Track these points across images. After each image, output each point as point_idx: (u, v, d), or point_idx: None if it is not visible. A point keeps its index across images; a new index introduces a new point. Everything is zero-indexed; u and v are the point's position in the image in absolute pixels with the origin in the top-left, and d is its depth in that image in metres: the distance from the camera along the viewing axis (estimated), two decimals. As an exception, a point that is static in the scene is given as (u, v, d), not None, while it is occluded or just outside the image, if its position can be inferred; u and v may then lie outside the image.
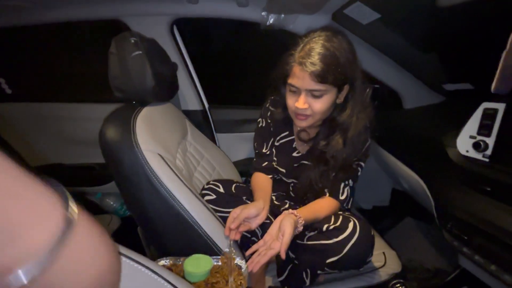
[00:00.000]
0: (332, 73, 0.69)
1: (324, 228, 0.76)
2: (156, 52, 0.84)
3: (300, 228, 0.72)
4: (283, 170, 0.95)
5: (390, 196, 1.50)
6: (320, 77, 0.68)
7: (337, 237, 0.73)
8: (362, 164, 0.85)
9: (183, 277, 0.57)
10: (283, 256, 0.64)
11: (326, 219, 0.78)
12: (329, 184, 0.84)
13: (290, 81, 0.74)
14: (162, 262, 0.63)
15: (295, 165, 0.92)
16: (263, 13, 1.04)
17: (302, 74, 0.70)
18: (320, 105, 0.73)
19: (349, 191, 0.84)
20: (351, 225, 0.73)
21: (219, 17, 1.12)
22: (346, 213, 0.83)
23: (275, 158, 0.96)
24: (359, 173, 0.85)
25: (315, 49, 0.69)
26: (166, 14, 1.10)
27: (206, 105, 1.33)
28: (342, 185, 0.83)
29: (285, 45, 0.80)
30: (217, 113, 1.34)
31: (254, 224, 0.74)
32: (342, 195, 0.83)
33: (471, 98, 0.74)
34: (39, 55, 1.41)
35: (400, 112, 1.30)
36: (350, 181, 0.84)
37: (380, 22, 0.98)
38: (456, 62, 1.08)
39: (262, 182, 0.92)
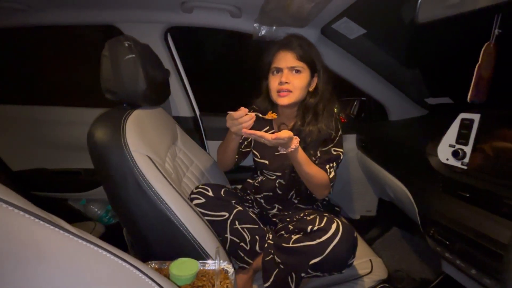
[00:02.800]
0: (308, 55, 0.90)
1: (309, 229, 0.78)
2: (149, 57, 0.85)
3: (292, 147, 0.78)
4: (266, 162, 1.00)
5: (377, 206, 1.53)
6: (299, 56, 0.88)
7: (320, 237, 0.74)
8: (341, 150, 0.95)
9: (168, 281, 0.56)
10: (268, 137, 0.73)
11: (311, 221, 0.79)
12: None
13: (274, 65, 0.91)
14: (148, 266, 0.61)
15: (276, 153, 0.98)
16: (255, 25, 1.08)
17: (284, 55, 0.89)
18: (299, 81, 0.89)
19: (334, 172, 0.92)
20: (334, 226, 0.75)
21: (212, 27, 1.15)
22: (331, 215, 0.84)
23: (257, 153, 1.04)
24: (341, 158, 0.94)
25: (294, 39, 0.91)
26: (160, 22, 1.13)
27: (197, 112, 1.33)
28: (328, 166, 0.91)
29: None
30: (208, 120, 1.35)
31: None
32: (330, 174, 0.90)
33: (451, 111, 0.79)
34: (24, 57, 1.40)
35: (386, 124, 1.36)
36: (334, 163, 0.93)
37: (366, 37, 1.03)
38: (437, 78, 1.14)
39: None
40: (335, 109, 0.99)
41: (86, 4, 1.06)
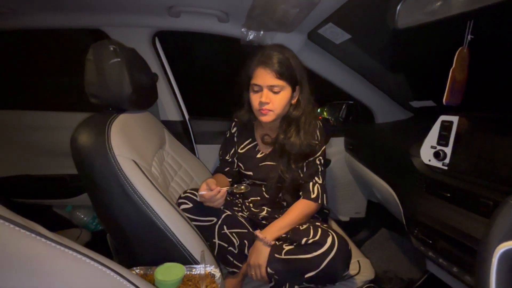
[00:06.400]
0: (287, 71, 0.86)
1: (303, 241, 0.78)
2: (135, 61, 0.85)
3: (272, 243, 0.84)
4: (251, 173, 1.02)
5: (366, 208, 1.55)
6: (279, 74, 0.85)
7: (316, 251, 0.75)
8: (327, 159, 0.96)
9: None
10: (264, 280, 0.84)
11: (305, 233, 0.79)
12: (295, 175, 0.94)
13: (253, 81, 0.88)
14: (133, 271, 0.60)
15: (260, 164, 1.00)
16: (242, 30, 1.09)
17: (263, 73, 0.85)
18: (279, 100, 0.87)
19: (319, 188, 0.94)
20: (329, 239, 0.75)
21: (200, 32, 1.16)
22: (324, 225, 0.85)
23: (241, 165, 1.05)
24: (320, 169, 0.96)
25: (273, 54, 0.86)
26: (148, 26, 1.13)
27: (187, 116, 1.33)
28: (311, 184, 0.94)
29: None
30: (197, 124, 1.34)
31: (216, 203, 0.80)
32: (313, 193, 0.93)
33: (435, 114, 0.81)
34: (4, 60, 1.36)
35: (372, 127, 1.38)
36: (316, 178, 0.95)
37: (351, 42, 1.06)
38: (420, 81, 1.18)
39: (219, 176, 1.05)
40: (324, 113, 1.01)
41: (71, 8, 1.05)
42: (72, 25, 1.13)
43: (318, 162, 0.95)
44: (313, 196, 0.92)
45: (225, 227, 0.87)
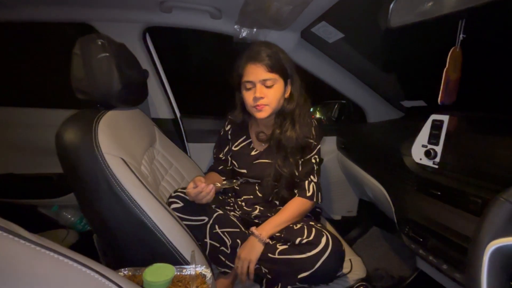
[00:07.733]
0: (278, 64, 0.86)
1: (297, 241, 0.77)
2: (124, 56, 0.83)
3: (267, 241, 0.82)
4: (244, 171, 1.01)
5: (357, 206, 1.56)
6: (270, 67, 0.85)
7: (310, 251, 0.75)
8: (317, 159, 0.98)
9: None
10: (251, 277, 0.81)
11: (299, 232, 0.79)
12: (292, 169, 0.94)
13: (245, 79, 0.88)
14: (121, 273, 0.58)
15: (254, 162, 0.99)
16: (235, 27, 1.08)
17: (254, 68, 0.86)
18: (273, 93, 0.87)
19: (314, 186, 0.94)
20: (323, 240, 0.75)
21: (192, 28, 1.14)
22: (318, 225, 0.85)
23: (235, 163, 1.03)
24: (316, 167, 0.96)
25: (261, 49, 0.87)
26: (138, 22, 1.10)
27: (178, 114, 1.31)
28: (306, 182, 0.93)
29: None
30: (189, 123, 1.32)
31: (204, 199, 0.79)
32: (308, 191, 0.92)
33: (425, 113, 0.82)
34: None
35: (364, 126, 1.39)
36: (312, 177, 0.95)
37: (344, 41, 1.06)
38: (411, 81, 1.19)
39: (212, 175, 1.04)
40: (317, 112, 1.01)
41: (59, 1, 1.01)
42: (59, 19, 1.09)
43: (313, 161, 0.95)
44: (308, 194, 0.92)
45: (216, 226, 0.85)
